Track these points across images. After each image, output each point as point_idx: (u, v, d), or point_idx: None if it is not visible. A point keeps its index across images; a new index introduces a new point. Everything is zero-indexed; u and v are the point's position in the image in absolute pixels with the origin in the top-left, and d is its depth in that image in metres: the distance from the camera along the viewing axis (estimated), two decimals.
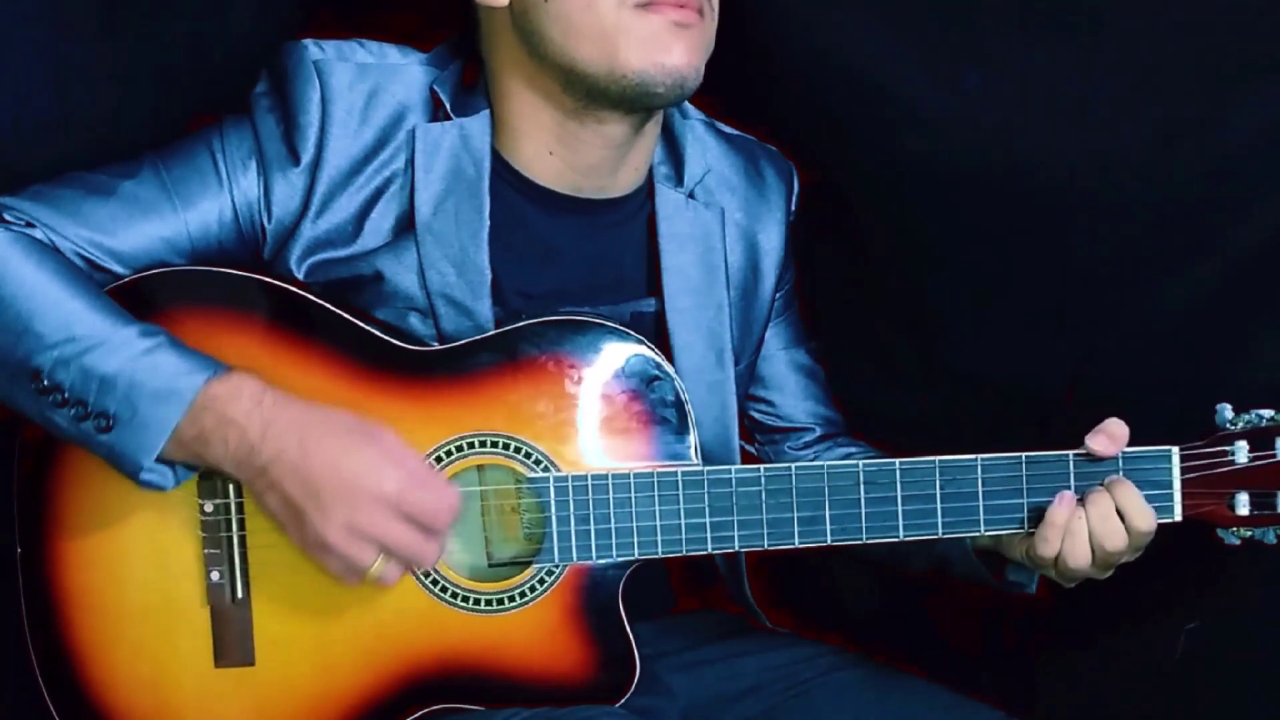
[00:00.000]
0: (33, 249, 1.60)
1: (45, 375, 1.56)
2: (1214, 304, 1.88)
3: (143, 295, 1.65)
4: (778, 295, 1.96)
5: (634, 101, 1.68)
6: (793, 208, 1.96)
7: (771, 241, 1.92)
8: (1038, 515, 1.66)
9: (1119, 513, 1.65)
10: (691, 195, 1.85)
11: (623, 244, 1.82)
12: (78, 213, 1.64)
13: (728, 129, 1.93)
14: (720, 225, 1.86)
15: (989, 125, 1.87)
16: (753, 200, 1.91)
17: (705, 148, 1.88)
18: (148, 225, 1.67)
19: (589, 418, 1.68)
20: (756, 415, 2.00)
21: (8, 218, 1.62)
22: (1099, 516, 1.64)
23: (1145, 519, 1.65)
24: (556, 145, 1.74)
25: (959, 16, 1.86)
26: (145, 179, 1.68)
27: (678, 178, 1.85)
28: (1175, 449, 1.67)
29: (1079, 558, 1.65)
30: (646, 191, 1.84)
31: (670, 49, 1.64)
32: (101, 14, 1.71)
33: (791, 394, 2.00)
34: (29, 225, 1.62)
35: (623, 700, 1.70)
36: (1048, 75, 1.84)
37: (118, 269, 1.66)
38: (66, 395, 1.56)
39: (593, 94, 1.68)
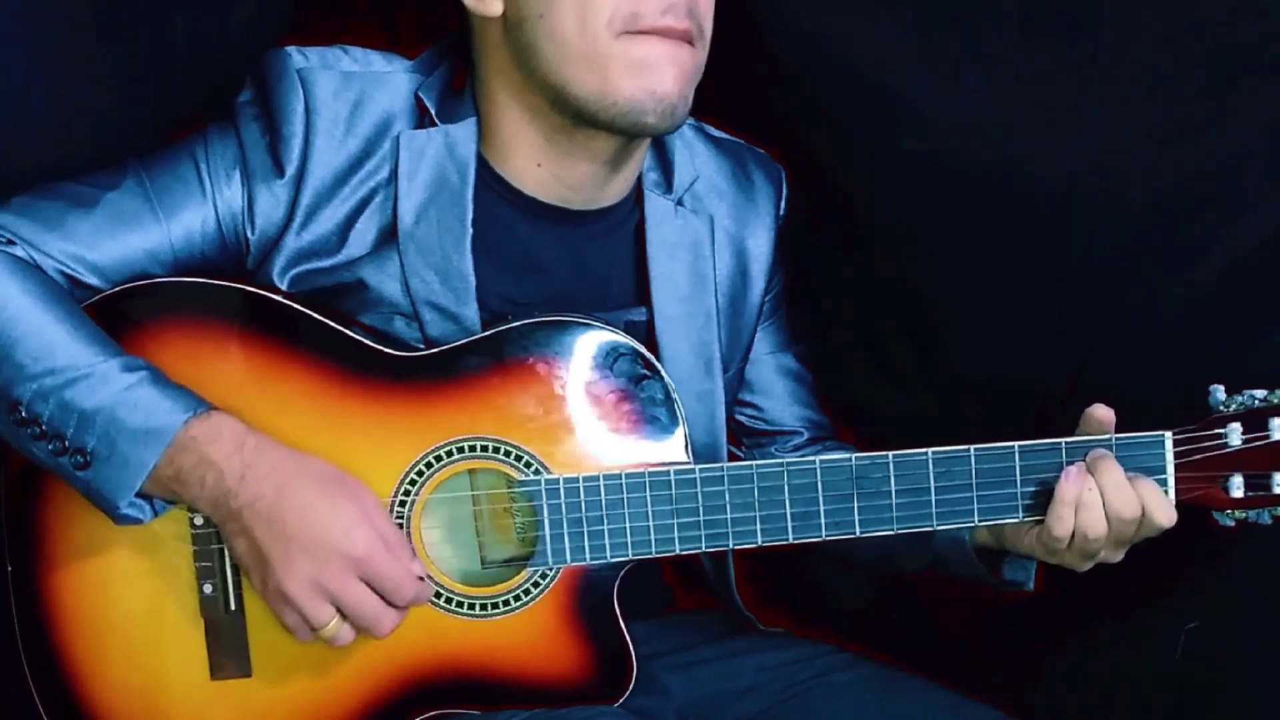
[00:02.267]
0: (15, 271, 1.58)
1: (24, 407, 1.55)
2: (1214, 304, 1.87)
3: (125, 308, 1.64)
4: (765, 300, 1.94)
5: (624, 130, 1.66)
6: (781, 212, 1.94)
7: (760, 247, 1.90)
8: (1032, 504, 1.66)
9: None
10: (680, 202, 1.82)
11: (610, 253, 1.81)
12: (60, 226, 1.63)
13: (717, 133, 1.91)
14: (709, 232, 1.84)
15: (989, 125, 1.87)
16: (741, 206, 1.89)
17: (694, 153, 1.86)
18: (131, 237, 1.65)
19: (578, 419, 1.67)
20: (743, 419, 1.98)
21: None
22: (1113, 485, 1.62)
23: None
24: (544, 159, 1.73)
25: (959, 16, 1.86)
26: (129, 189, 1.67)
27: (667, 185, 1.83)
28: (1168, 434, 1.66)
29: (1096, 528, 1.62)
30: (635, 199, 1.82)
31: (663, 76, 1.62)
32: (101, 14, 1.71)
33: (779, 398, 1.99)
34: (10, 243, 1.61)
35: (621, 700, 1.70)
36: (1048, 75, 1.83)
37: (100, 283, 1.64)
38: (45, 428, 1.55)
39: (580, 116, 1.66)
